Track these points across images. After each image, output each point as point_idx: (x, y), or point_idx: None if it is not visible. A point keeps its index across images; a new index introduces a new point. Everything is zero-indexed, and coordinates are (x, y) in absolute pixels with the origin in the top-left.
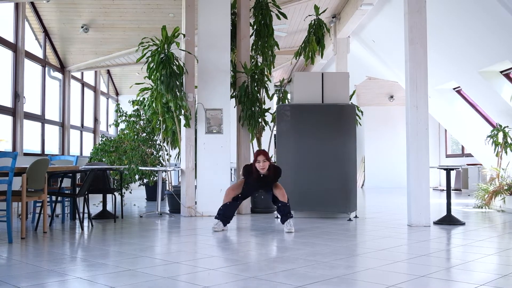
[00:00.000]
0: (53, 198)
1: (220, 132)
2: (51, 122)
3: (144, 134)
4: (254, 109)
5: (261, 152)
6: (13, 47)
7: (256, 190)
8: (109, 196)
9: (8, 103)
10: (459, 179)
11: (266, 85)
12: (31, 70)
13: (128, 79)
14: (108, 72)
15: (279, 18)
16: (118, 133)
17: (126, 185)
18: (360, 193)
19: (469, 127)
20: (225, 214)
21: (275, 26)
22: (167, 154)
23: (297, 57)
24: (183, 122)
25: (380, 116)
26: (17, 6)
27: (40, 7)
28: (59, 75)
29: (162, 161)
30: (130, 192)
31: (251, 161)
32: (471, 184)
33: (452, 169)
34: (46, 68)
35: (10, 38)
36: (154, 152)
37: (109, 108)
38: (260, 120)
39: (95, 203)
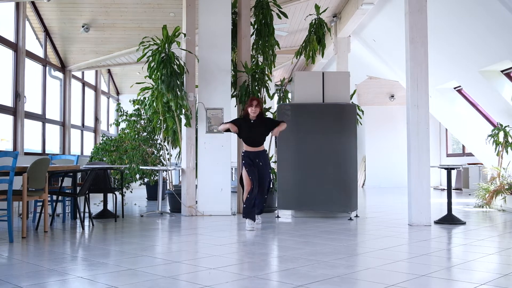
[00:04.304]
0: (54, 197)
1: (220, 131)
2: (52, 122)
3: (145, 134)
4: None
5: (255, 98)
6: (14, 46)
7: (251, 133)
8: (110, 196)
9: (9, 102)
10: (460, 179)
11: (267, 85)
12: (32, 69)
13: (128, 79)
14: (109, 71)
15: (279, 17)
16: (119, 132)
17: (126, 185)
18: (361, 193)
19: (469, 126)
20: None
21: (276, 26)
22: (167, 154)
23: (298, 57)
24: (183, 121)
25: (381, 115)
26: (17, 5)
27: (41, 6)
28: (59, 74)
29: (162, 160)
30: (131, 192)
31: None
32: (471, 183)
33: (453, 169)
34: (47, 68)
35: (11, 38)
36: (155, 151)
37: (109, 107)
38: None
39: (96, 203)
